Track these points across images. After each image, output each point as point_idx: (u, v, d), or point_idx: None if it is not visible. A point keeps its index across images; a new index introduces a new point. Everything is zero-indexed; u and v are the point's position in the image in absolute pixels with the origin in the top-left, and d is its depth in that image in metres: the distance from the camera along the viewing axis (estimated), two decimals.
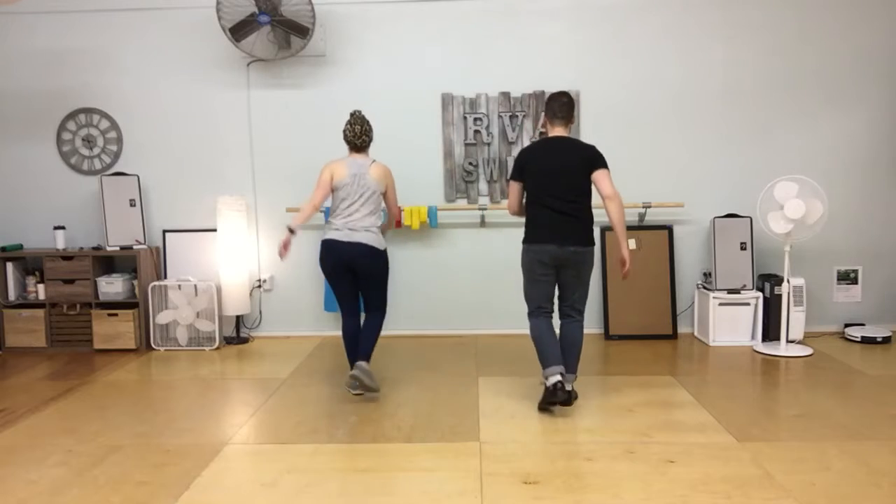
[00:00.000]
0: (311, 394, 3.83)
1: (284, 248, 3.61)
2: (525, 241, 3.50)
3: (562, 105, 3.47)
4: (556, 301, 3.56)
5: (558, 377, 3.32)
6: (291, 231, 3.62)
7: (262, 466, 2.87)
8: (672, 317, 4.93)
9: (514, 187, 3.56)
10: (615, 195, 3.37)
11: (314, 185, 5.01)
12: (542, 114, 3.94)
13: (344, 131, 3.71)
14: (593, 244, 3.46)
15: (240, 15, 4.62)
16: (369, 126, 3.72)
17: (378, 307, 3.76)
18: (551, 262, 3.42)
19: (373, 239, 3.63)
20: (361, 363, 3.63)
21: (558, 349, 3.41)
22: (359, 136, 3.68)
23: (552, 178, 3.40)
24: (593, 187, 3.43)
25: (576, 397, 3.59)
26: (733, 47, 4.91)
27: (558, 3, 4.93)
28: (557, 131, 3.51)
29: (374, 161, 3.72)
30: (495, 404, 3.59)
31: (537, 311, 3.50)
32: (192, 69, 5.07)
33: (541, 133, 4.93)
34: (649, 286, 4.94)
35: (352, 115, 3.73)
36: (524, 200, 3.57)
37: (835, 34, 4.88)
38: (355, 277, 3.70)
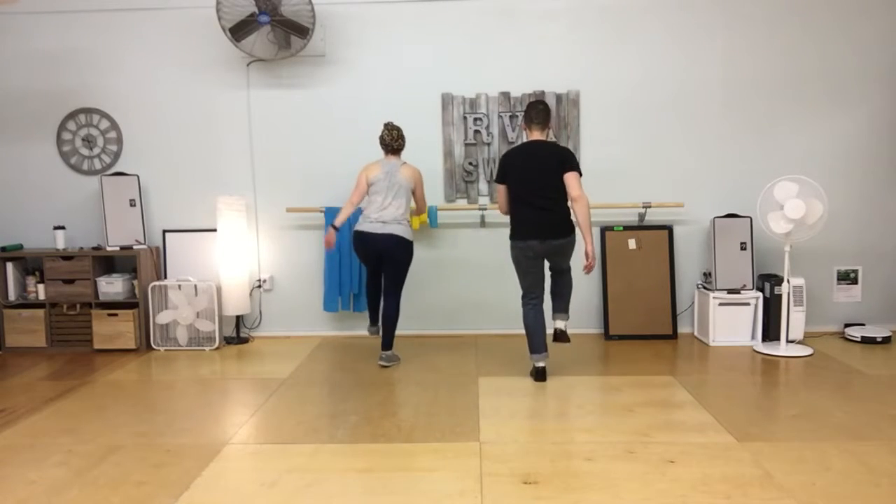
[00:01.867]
0: (311, 394, 3.83)
1: (329, 244, 4.25)
2: (511, 238, 3.90)
3: (538, 112, 3.83)
4: (546, 286, 4.02)
5: (542, 364, 3.96)
6: (335, 228, 4.22)
7: (262, 466, 2.87)
8: (672, 317, 4.93)
9: (501, 189, 3.93)
10: (581, 196, 3.71)
11: (316, 184, 5.09)
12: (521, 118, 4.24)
13: (381, 136, 4.24)
14: (572, 233, 3.83)
15: (240, 15, 4.62)
16: (402, 132, 4.31)
17: (394, 292, 4.22)
18: (535, 255, 3.82)
19: (403, 230, 4.14)
20: (384, 353, 4.30)
21: (544, 338, 3.94)
22: (395, 139, 4.23)
23: (532, 179, 3.77)
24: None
25: (568, 340, 3.96)
26: (733, 47, 4.91)
27: (558, 3, 4.93)
28: (535, 136, 3.86)
29: (404, 163, 4.25)
30: (495, 404, 3.59)
31: (528, 296, 3.94)
32: (192, 69, 5.07)
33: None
34: (649, 286, 4.94)
35: (386, 124, 4.26)
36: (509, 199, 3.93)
37: (836, 34, 4.88)
38: (381, 262, 4.21)
